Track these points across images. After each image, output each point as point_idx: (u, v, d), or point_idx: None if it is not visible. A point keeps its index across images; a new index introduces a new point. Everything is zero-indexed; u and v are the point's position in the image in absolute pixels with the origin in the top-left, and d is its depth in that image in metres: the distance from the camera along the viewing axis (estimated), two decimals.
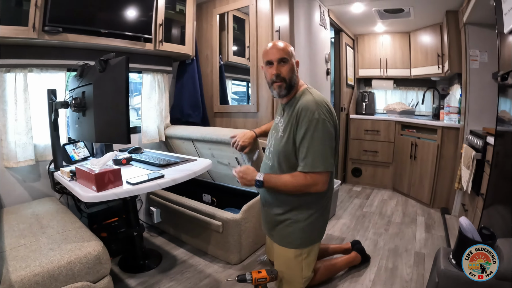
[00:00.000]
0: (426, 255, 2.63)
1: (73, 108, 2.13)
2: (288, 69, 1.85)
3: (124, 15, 2.66)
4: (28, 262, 1.48)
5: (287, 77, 1.85)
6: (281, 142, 1.86)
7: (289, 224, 1.92)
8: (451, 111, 3.72)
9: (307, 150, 1.72)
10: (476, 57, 3.14)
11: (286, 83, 1.85)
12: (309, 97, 1.81)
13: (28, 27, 2.14)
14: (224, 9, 3.43)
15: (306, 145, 1.72)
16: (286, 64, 1.85)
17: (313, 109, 1.73)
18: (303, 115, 1.73)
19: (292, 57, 1.89)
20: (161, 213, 3.02)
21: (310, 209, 1.90)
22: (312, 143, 1.71)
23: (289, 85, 1.87)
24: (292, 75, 1.87)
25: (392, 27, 4.67)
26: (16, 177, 2.47)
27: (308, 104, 1.76)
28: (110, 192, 1.69)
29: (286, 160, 1.85)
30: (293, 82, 1.88)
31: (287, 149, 1.82)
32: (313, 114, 1.72)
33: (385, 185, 4.67)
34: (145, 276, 2.41)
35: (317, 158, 1.72)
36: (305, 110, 1.74)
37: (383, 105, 5.36)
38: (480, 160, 2.50)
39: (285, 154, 1.84)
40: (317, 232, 1.99)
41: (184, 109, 3.49)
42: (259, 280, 1.85)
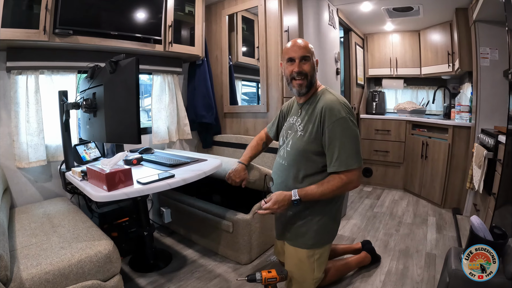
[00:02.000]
0: (437, 256, 2.60)
1: (84, 109, 2.16)
2: (310, 67, 1.88)
3: (133, 17, 2.68)
4: (39, 260, 1.50)
5: (310, 74, 1.87)
6: (302, 141, 1.85)
7: (303, 225, 1.91)
8: (462, 109, 3.67)
9: (339, 149, 1.71)
10: (487, 55, 3.10)
11: (307, 80, 1.87)
12: (332, 96, 1.82)
13: (39, 29, 2.17)
14: (233, 10, 3.44)
15: (338, 144, 1.72)
16: (308, 62, 1.87)
17: (339, 108, 1.73)
18: (329, 114, 1.73)
19: (313, 55, 1.91)
20: (172, 213, 3.04)
21: (324, 210, 1.89)
22: (344, 141, 1.71)
23: (309, 83, 1.88)
24: (314, 73, 1.90)
25: (401, 25, 4.64)
26: (28, 177, 2.51)
27: (333, 104, 1.76)
28: (120, 191, 1.70)
29: (305, 159, 1.84)
30: (314, 80, 1.91)
31: (308, 148, 1.82)
32: (340, 113, 1.72)
33: (396, 185, 4.63)
34: (155, 275, 2.42)
35: (350, 156, 1.71)
36: (331, 109, 1.74)
37: (393, 105, 5.32)
38: (491, 159, 2.47)
39: (305, 153, 1.83)
40: (330, 233, 1.98)
41: (198, 110, 3.51)
42: (269, 280, 1.84)
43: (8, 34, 2.07)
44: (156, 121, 3.27)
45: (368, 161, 4.83)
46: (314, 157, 1.82)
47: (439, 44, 4.32)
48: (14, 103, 2.36)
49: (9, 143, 2.39)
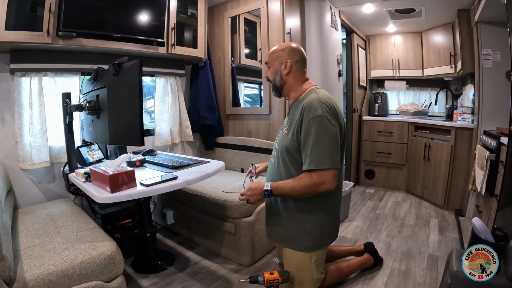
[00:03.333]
0: (439, 257, 2.60)
1: (87, 111, 2.17)
2: (271, 72, 1.96)
3: (136, 19, 2.70)
4: (43, 261, 1.51)
5: (271, 78, 1.97)
6: (285, 139, 1.85)
7: (295, 228, 1.90)
8: (465, 111, 3.67)
9: (311, 147, 1.69)
10: (489, 56, 3.09)
11: (272, 85, 1.98)
12: (314, 95, 1.80)
13: (42, 32, 2.19)
14: (236, 12, 3.45)
15: (311, 142, 1.69)
16: (270, 68, 1.97)
17: (316, 107, 1.71)
18: (307, 113, 1.72)
19: (276, 60, 1.94)
20: (174, 214, 3.05)
21: (316, 211, 1.87)
22: (317, 139, 1.68)
23: (274, 87, 1.98)
24: (275, 77, 1.95)
25: (403, 27, 4.63)
26: (31, 178, 2.53)
27: (312, 102, 1.74)
28: (124, 193, 1.71)
29: (290, 157, 1.84)
30: (278, 84, 1.95)
31: (290, 146, 1.81)
32: (316, 111, 1.69)
33: (398, 187, 4.62)
34: (158, 277, 2.43)
35: (322, 155, 1.67)
36: (309, 107, 1.72)
37: (395, 106, 5.31)
38: (494, 161, 2.47)
39: (288, 151, 1.83)
40: (326, 235, 1.95)
41: (200, 112, 3.52)
42: (271, 281, 1.84)
43: (12, 37, 2.09)
44: (158, 123, 3.28)
45: (371, 162, 4.83)
46: (297, 155, 1.81)
47: (441, 45, 4.31)
48: (17, 105, 2.38)
49: (13, 145, 2.41)
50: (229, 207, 2.48)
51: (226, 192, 2.60)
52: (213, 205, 2.61)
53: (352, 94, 4.72)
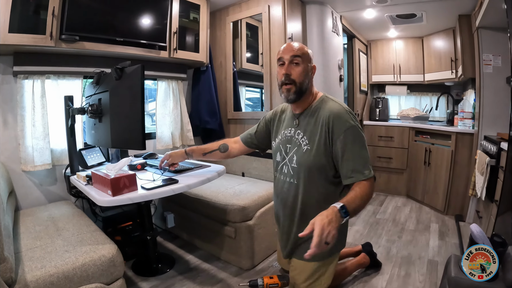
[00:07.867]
0: (439, 263, 2.59)
1: (89, 114, 2.19)
2: (300, 71, 1.68)
3: (139, 23, 2.72)
4: (44, 263, 1.52)
5: (298, 80, 1.68)
6: (310, 155, 1.69)
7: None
8: (465, 116, 3.68)
9: (354, 159, 1.59)
10: (490, 62, 3.10)
11: (296, 86, 1.68)
12: (336, 105, 1.70)
13: (45, 35, 2.20)
14: (237, 17, 3.48)
15: (352, 154, 1.59)
16: (298, 66, 1.68)
17: (347, 117, 1.62)
18: (338, 124, 1.61)
19: (308, 60, 1.72)
20: (175, 218, 3.05)
21: None
22: (359, 150, 1.60)
23: (299, 90, 1.69)
24: (304, 79, 1.70)
25: (405, 32, 4.65)
26: (33, 180, 2.54)
27: (340, 112, 1.64)
28: (125, 196, 1.72)
29: (319, 173, 1.69)
30: (304, 87, 1.71)
31: (320, 161, 1.67)
32: (348, 121, 1.61)
33: (399, 192, 4.62)
34: (158, 280, 2.44)
35: (366, 164, 1.60)
36: (338, 118, 1.62)
37: (396, 111, 5.33)
38: (494, 166, 2.47)
39: (318, 167, 1.68)
40: (339, 242, 1.83)
41: (202, 116, 3.54)
42: (270, 285, 1.85)
43: (15, 39, 2.11)
44: (160, 126, 3.30)
45: (372, 167, 4.81)
46: (329, 168, 1.68)
47: (443, 50, 4.33)
48: (20, 107, 2.39)
49: (15, 147, 2.42)
50: (229, 211, 2.49)
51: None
52: (214, 209, 2.61)
53: (353, 99, 4.74)
